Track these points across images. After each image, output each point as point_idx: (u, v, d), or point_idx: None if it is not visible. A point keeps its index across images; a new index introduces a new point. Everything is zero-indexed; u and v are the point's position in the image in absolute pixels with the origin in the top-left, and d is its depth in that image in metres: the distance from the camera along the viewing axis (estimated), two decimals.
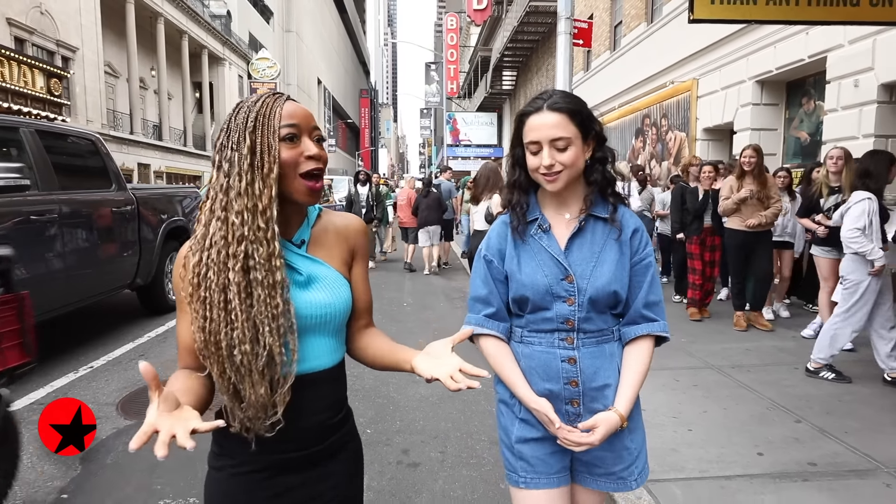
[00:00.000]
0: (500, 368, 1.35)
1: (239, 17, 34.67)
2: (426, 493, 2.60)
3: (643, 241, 1.33)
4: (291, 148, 1.01)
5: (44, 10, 18.37)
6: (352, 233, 1.16)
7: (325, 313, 1.05)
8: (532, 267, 1.31)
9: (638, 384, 1.31)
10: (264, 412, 0.98)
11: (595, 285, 1.28)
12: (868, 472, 2.65)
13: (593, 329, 1.31)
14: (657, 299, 1.33)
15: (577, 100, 1.30)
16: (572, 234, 1.31)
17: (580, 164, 1.28)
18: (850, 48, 6.31)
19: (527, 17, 18.64)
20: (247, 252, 0.96)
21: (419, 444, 3.10)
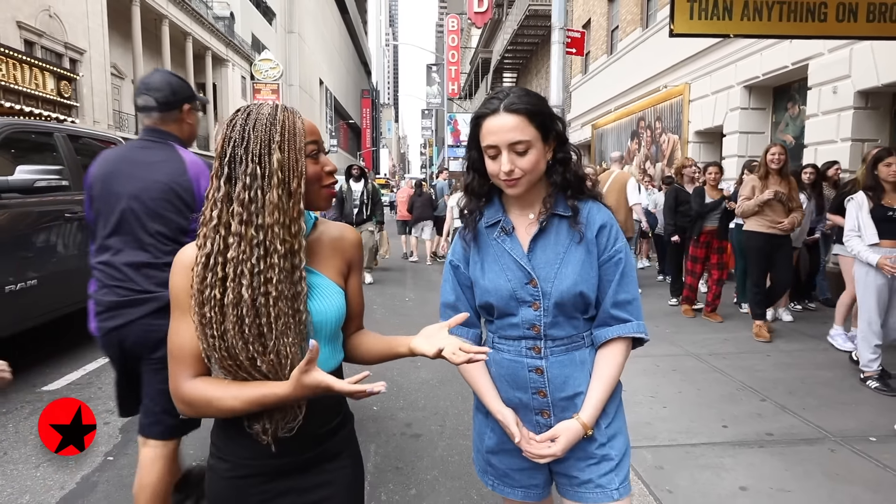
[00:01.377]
0: (469, 376, 1.32)
1: (242, 18, 35.04)
2: (427, 458, 2.95)
3: (612, 236, 1.26)
4: (315, 164, 1.04)
5: (52, 13, 18.72)
6: (347, 245, 1.17)
7: (319, 321, 1.07)
8: (495, 272, 1.27)
9: (606, 390, 1.25)
10: (289, 415, 1.02)
11: (560, 288, 1.22)
12: (817, 440, 3.00)
13: (562, 336, 1.25)
14: (629, 297, 1.25)
15: (536, 98, 1.22)
16: (534, 235, 1.26)
17: (541, 166, 1.23)
18: (830, 56, 6.65)
19: (526, 20, 19.00)
20: (275, 266, 0.97)
21: (421, 419, 3.45)
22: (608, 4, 14.41)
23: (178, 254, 1.05)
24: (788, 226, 4.72)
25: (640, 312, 1.28)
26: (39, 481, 2.67)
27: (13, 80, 13.44)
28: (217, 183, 0.98)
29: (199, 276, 0.97)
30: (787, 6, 4.36)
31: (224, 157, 0.99)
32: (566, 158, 1.26)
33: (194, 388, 1.00)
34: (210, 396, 0.99)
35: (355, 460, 1.20)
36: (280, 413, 1.01)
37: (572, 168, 1.27)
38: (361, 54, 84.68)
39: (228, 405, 0.98)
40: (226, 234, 0.97)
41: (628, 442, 1.34)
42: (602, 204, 1.30)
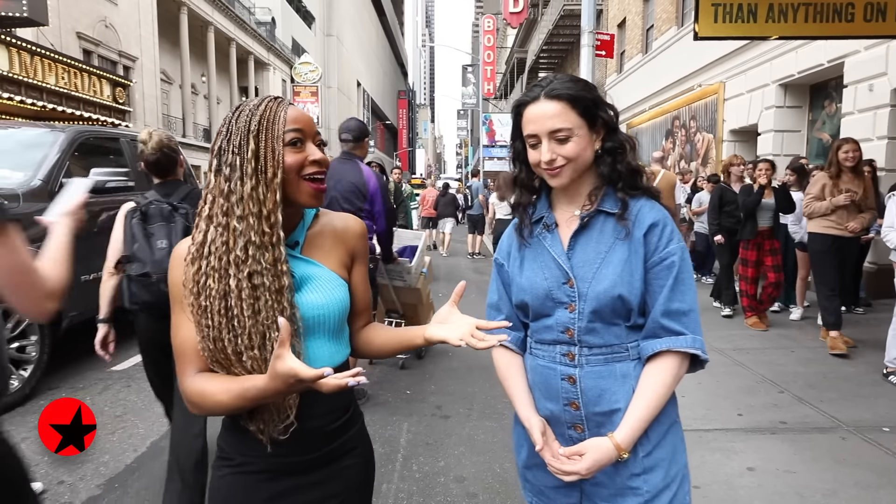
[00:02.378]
0: (504, 382, 1.27)
1: (283, 23, 36.03)
2: (455, 436, 3.20)
3: (664, 237, 1.13)
4: (296, 152, 1.00)
5: (108, 23, 19.80)
6: (350, 235, 1.14)
7: (319, 314, 1.03)
8: (533, 269, 1.20)
9: (648, 410, 1.10)
10: (278, 415, 0.99)
11: (597, 290, 1.11)
12: (830, 429, 3.12)
13: (599, 343, 1.14)
14: (684, 307, 1.11)
15: (582, 84, 1.16)
16: (574, 232, 1.17)
17: (587, 155, 1.14)
18: (866, 54, 6.59)
19: (561, 20, 19.02)
20: (252, 257, 0.95)
21: (450, 402, 3.71)
22: (643, 3, 14.36)
23: (175, 249, 1.04)
24: (858, 227, 4.37)
25: (697, 326, 1.12)
26: (116, 444, 3.05)
27: (74, 87, 14.31)
28: (210, 176, 0.99)
29: (195, 266, 0.97)
30: (812, 7, 4.43)
31: (214, 150, 1.00)
32: (616, 148, 1.16)
33: (193, 384, 0.98)
34: (204, 391, 0.97)
35: (366, 459, 1.18)
36: (269, 413, 0.98)
37: (624, 159, 1.16)
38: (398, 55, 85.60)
39: (217, 399, 0.95)
40: (215, 224, 0.97)
41: (674, 480, 1.15)
42: (657, 202, 1.18)
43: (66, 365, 4.18)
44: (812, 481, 2.56)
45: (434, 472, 2.79)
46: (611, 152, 1.16)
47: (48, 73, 13.50)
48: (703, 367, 1.16)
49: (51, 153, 3.98)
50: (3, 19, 12.83)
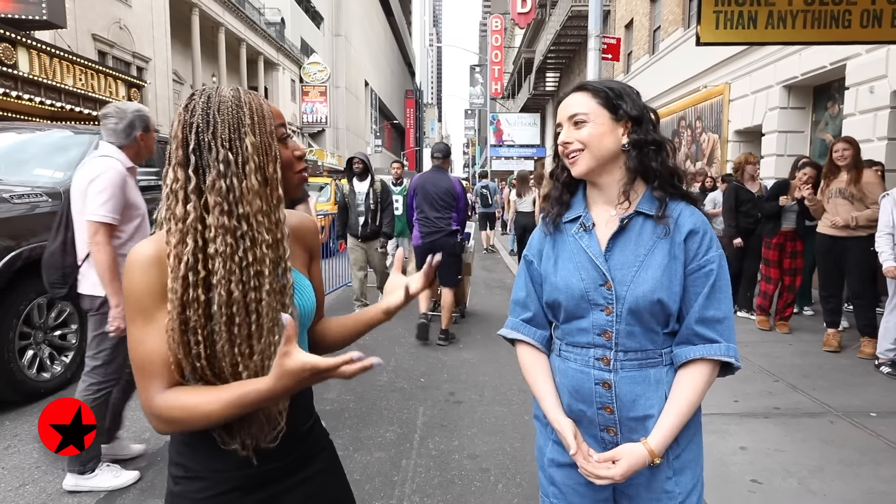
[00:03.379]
0: (531, 381, 1.26)
1: (292, 23, 36.35)
2: (467, 419, 3.42)
3: (704, 244, 1.14)
4: (285, 148, 0.99)
5: (122, 25, 20.16)
6: (306, 233, 1.13)
7: (300, 315, 1.02)
8: (569, 269, 1.18)
9: (680, 417, 1.12)
10: (268, 423, 0.94)
11: (636, 293, 1.11)
12: (820, 414, 3.31)
13: (635, 348, 1.14)
14: (720, 315, 1.12)
15: (615, 84, 1.20)
16: (613, 233, 1.16)
17: (605, 143, 1.15)
18: (867, 56, 6.75)
19: (569, 20, 19.18)
20: (257, 258, 0.91)
21: (462, 389, 3.93)
22: (650, 4, 14.51)
23: (130, 254, 0.94)
24: (840, 222, 4.35)
25: (731, 334, 1.14)
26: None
27: (91, 88, 14.64)
28: (184, 174, 0.90)
29: (181, 278, 0.88)
30: (811, 14, 4.61)
31: (188, 145, 0.90)
32: (644, 142, 1.15)
33: (167, 400, 0.89)
34: (186, 404, 0.88)
35: (334, 460, 1.17)
36: (258, 424, 0.93)
37: (658, 157, 1.16)
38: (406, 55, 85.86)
39: (206, 410, 0.86)
40: (202, 228, 0.89)
41: (699, 480, 1.20)
42: (697, 208, 1.18)
43: None
44: (800, 459, 2.76)
45: (449, 450, 3.01)
46: (637, 146, 1.15)
47: (66, 75, 13.83)
48: (734, 374, 1.17)
49: (88, 154, 4.23)
50: (23, 22, 13.18)
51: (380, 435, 3.18)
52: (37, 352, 3.55)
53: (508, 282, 8.58)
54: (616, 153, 1.16)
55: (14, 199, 3.50)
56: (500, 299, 7.26)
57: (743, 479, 2.59)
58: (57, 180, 3.99)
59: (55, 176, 4.03)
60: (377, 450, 3.00)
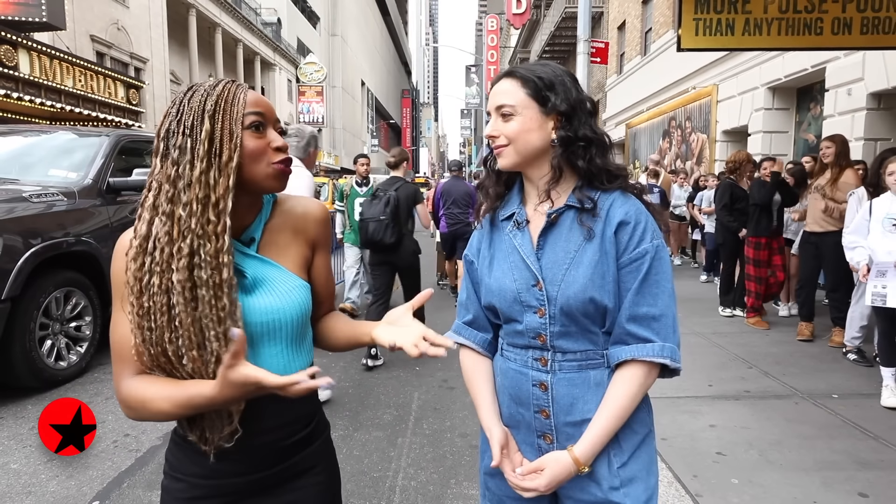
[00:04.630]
0: (469, 385, 1.21)
1: (288, 23, 36.51)
2: (459, 403, 3.66)
3: (636, 234, 1.04)
4: (257, 138, 0.94)
5: (120, 26, 20.32)
6: (311, 223, 1.07)
7: (273, 320, 0.96)
8: (503, 270, 1.12)
9: (611, 421, 1.04)
10: (220, 420, 0.92)
11: (567, 293, 1.04)
12: (786, 396, 3.57)
13: (574, 349, 1.07)
14: (654, 312, 1.03)
15: (547, 71, 1.10)
16: (542, 229, 1.10)
17: (531, 140, 1.08)
18: (845, 60, 7.02)
19: (562, 21, 19.45)
20: (192, 248, 0.88)
21: (455, 376, 4.17)
22: (642, 7, 14.77)
23: (119, 239, 0.95)
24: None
25: (669, 332, 1.04)
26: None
27: (90, 89, 14.81)
28: (155, 161, 0.91)
29: (137, 262, 0.88)
30: (785, 22, 4.87)
31: (160, 133, 0.92)
32: (567, 138, 1.07)
33: (130, 388, 0.91)
34: (143, 397, 0.89)
35: (331, 474, 1.10)
36: (209, 419, 0.91)
37: (588, 155, 1.08)
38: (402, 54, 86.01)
39: (159, 407, 0.88)
40: (159, 214, 0.89)
41: (653, 492, 1.11)
42: (635, 196, 1.10)
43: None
44: (763, 434, 3.01)
45: (441, 429, 3.25)
46: (564, 143, 1.08)
47: (66, 76, 14.01)
48: (678, 375, 1.08)
49: (98, 155, 4.45)
50: (23, 24, 13.35)
51: (378, 417, 3.42)
52: (54, 342, 3.78)
53: None
54: (544, 148, 1.10)
55: (33, 197, 3.72)
56: None
57: (709, 451, 2.84)
58: (71, 181, 4.21)
59: (69, 176, 4.25)
60: (375, 429, 3.24)
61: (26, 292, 3.49)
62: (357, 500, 2.49)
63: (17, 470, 2.71)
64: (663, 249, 1.08)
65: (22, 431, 3.12)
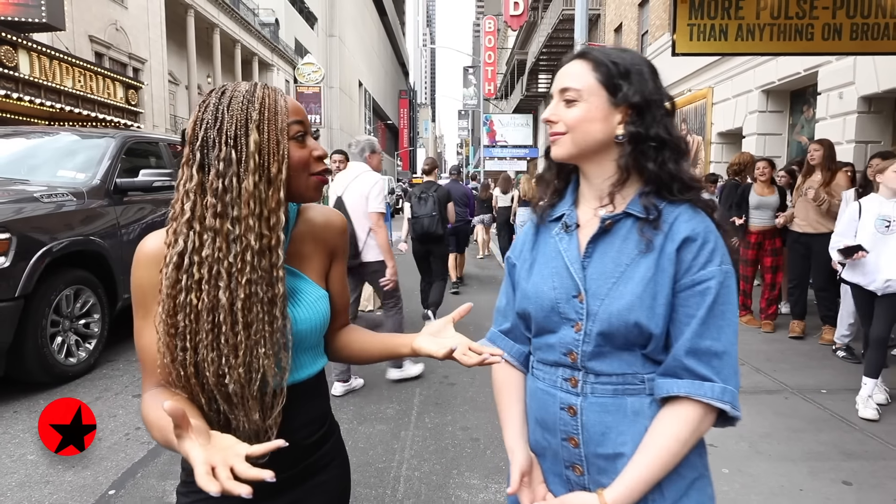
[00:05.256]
0: (498, 400, 1.12)
1: (286, 24, 36.59)
2: (460, 398, 3.77)
3: (702, 255, 0.92)
4: (301, 147, 0.92)
5: (119, 26, 20.37)
6: (331, 233, 1.06)
7: (303, 329, 0.96)
8: (543, 275, 1.02)
9: (653, 470, 0.90)
10: (257, 439, 0.89)
11: (609, 310, 0.93)
12: (776, 391, 3.69)
13: (608, 372, 0.95)
14: (718, 347, 0.90)
15: (624, 56, 0.98)
16: (594, 235, 0.98)
17: (592, 132, 0.96)
18: (837, 64, 7.15)
19: (560, 23, 19.56)
20: (249, 264, 0.86)
21: (456, 373, 4.27)
22: (638, 10, 14.91)
23: (140, 245, 0.93)
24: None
25: (730, 373, 0.91)
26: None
27: (89, 89, 14.87)
28: (189, 172, 0.87)
29: (171, 279, 0.85)
30: (777, 27, 4.98)
31: (196, 141, 0.88)
32: (643, 136, 0.95)
33: (146, 402, 0.89)
34: (148, 417, 0.87)
35: (343, 471, 1.12)
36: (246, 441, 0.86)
37: (660, 158, 0.95)
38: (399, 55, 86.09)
39: (154, 435, 0.85)
40: (200, 229, 0.85)
41: None
42: (705, 212, 0.97)
43: (123, 340, 4.74)
44: (753, 427, 3.13)
45: (443, 423, 3.36)
46: (634, 140, 0.95)
47: (66, 77, 14.06)
48: (734, 425, 0.94)
49: (105, 156, 4.54)
50: (22, 24, 13.40)
51: (381, 411, 3.52)
52: (65, 339, 3.86)
53: (499, 277, 8.94)
54: (606, 143, 0.97)
55: (44, 198, 3.81)
56: (492, 295, 7.61)
57: None
58: (79, 181, 4.29)
59: (77, 177, 4.33)
60: (379, 423, 3.34)
61: (38, 290, 3.58)
62: (363, 490, 2.59)
63: (34, 461, 2.81)
64: (732, 277, 0.94)
65: (36, 424, 3.21)
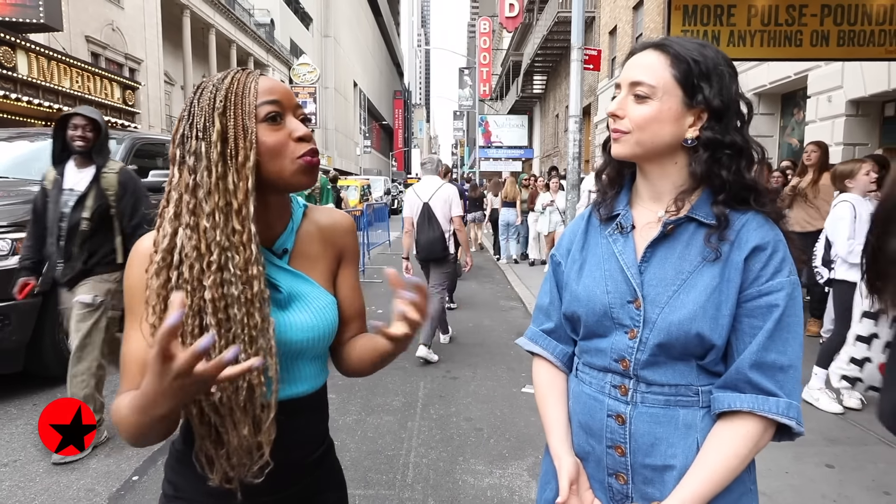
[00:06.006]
0: (542, 405, 1.07)
1: (281, 24, 36.65)
2: (462, 391, 3.91)
3: (770, 265, 0.89)
4: (275, 130, 0.85)
5: (115, 26, 20.41)
6: (339, 234, 1.01)
7: (308, 338, 0.91)
8: (595, 278, 0.99)
9: (712, 487, 0.87)
10: (249, 457, 0.84)
11: (669, 319, 0.90)
12: None
13: (661, 382, 0.92)
14: (784, 361, 0.87)
15: (706, 54, 0.92)
16: (654, 240, 0.94)
17: (664, 133, 0.92)
18: (826, 68, 7.35)
19: (556, 25, 19.75)
20: (220, 262, 0.81)
21: (457, 367, 4.42)
22: (633, 13, 15.12)
23: (134, 248, 0.89)
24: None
25: (794, 387, 0.89)
26: None
27: (87, 90, 14.92)
28: (172, 170, 0.85)
29: (161, 279, 0.81)
30: (767, 34, 5.16)
31: (175, 139, 0.86)
32: (719, 143, 0.90)
33: (115, 403, 0.82)
34: (114, 408, 0.81)
35: (342, 493, 1.06)
36: (238, 456, 0.84)
37: (733, 165, 0.91)
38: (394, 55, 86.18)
39: (121, 415, 0.78)
40: (181, 227, 0.82)
41: None
42: (775, 223, 0.93)
43: None
44: None
45: (447, 414, 3.50)
46: (710, 146, 0.90)
47: (63, 77, 14.13)
48: (793, 440, 0.91)
49: (115, 157, 4.65)
50: (19, 25, 13.45)
51: (388, 403, 3.66)
52: None
53: (497, 275, 9.09)
54: (673, 146, 0.93)
55: None
56: (490, 292, 7.76)
57: None
58: None
59: None
60: (386, 414, 3.48)
61: (55, 288, 3.69)
62: (375, 475, 2.73)
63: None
64: (799, 288, 0.91)
65: None
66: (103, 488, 2.57)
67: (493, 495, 2.58)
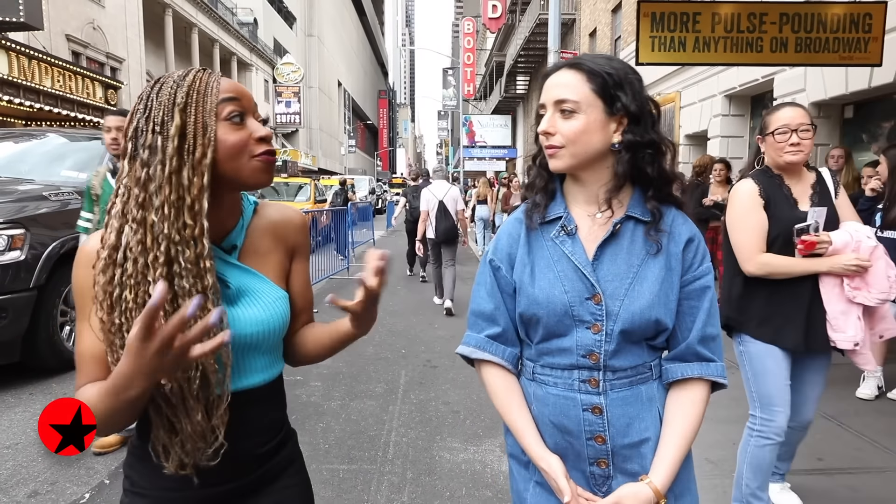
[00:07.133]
0: (506, 411, 1.10)
1: (264, 23, 36.52)
2: (441, 378, 4.13)
3: (699, 254, 1.05)
4: (236, 129, 0.86)
5: (96, 25, 20.29)
6: (291, 230, 1.03)
7: (258, 332, 0.92)
8: (549, 279, 1.04)
9: (684, 448, 1.01)
10: (204, 441, 0.84)
11: (631, 309, 1.00)
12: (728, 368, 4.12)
13: (625, 366, 1.03)
14: (715, 333, 1.05)
15: (617, 67, 1.02)
16: (604, 239, 1.03)
17: (593, 141, 1.00)
18: (790, 72, 7.69)
19: (537, 27, 20.04)
20: (169, 256, 0.81)
21: (437, 357, 4.64)
22: (612, 15, 15.45)
23: (81, 247, 0.89)
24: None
25: (721, 351, 1.06)
26: None
27: (68, 89, 14.88)
28: (123, 164, 0.85)
29: (107, 275, 0.81)
30: (730, 40, 5.45)
31: (128, 133, 0.85)
32: (639, 144, 1.01)
33: (77, 395, 0.83)
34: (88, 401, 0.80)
35: (302, 477, 1.07)
36: (192, 441, 0.84)
37: (655, 161, 1.02)
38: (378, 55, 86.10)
39: (91, 405, 0.79)
40: (129, 222, 0.82)
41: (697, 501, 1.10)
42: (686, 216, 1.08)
43: None
44: None
45: (427, 399, 3.72)
46: (631, 147, 1.01)
47: (44, 76, 14.08)
48: (723, 388, 1.09)
49: (105, 157, 4.79)
50: (0, 24, 13.38)
51: (370, 389, 3.87)
52: (72, 328, 4.13)
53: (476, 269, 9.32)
54: (603, 152, 1.02)
55: (51, 196, 4.06)
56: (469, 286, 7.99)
57: None
58: (82, 181, 4.54)
59: (80, 177, 4.58)
60: (369, 399, 3.68)
61: (49, 282, 3.84)
62: (358, 452, 2.94)
63: None
64: (712, 270, 1.10)
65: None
66: (102, 466, 2.75)
67: (467, 468, 2.81)
